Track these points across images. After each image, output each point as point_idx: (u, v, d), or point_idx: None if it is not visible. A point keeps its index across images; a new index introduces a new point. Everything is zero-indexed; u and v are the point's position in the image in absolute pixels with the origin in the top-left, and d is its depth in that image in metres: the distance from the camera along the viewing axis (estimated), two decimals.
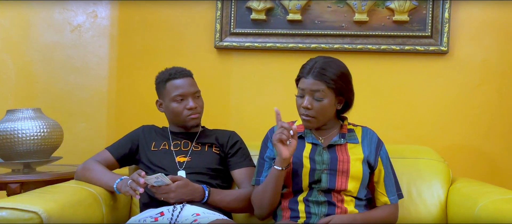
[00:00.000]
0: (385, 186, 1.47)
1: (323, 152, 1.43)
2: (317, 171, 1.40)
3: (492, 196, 1.42)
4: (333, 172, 1.41)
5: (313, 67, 1.39)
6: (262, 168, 1.51)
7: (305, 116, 1.41)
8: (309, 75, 1.39)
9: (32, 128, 1.82)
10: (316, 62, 1.41)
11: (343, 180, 1.40)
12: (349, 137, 1.47)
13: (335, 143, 1.44)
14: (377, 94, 2.12)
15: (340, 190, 1.41)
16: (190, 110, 1.61)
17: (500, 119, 2.06)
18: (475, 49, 2.08)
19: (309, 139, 1.47)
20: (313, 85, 1.38)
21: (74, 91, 2.25)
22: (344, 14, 2.10)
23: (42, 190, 1.42)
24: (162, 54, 2.19)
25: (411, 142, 2.06)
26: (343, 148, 1.44)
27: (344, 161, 1.41)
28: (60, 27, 2.26)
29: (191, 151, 1.63)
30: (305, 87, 1.40)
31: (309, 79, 1.39)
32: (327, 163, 1.41)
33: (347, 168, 1.40)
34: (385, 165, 1.49)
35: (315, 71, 1.38)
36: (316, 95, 1.38)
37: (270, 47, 2.13)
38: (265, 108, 2.15)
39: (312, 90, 1.38)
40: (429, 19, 2.06)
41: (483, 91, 2.07)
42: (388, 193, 1.47)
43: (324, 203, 1.41)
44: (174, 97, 1.60)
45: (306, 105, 1.39)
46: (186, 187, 1.43)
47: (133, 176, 1.39)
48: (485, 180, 1.98)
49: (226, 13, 2.14)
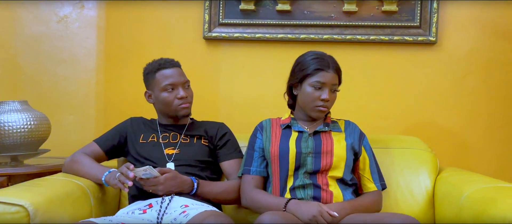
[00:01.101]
0: (371, 173, 1.52)
1: (309, 138, 1.50)
2: (303, 154, 1.47)
3: (477, 186, 1.44)
4: (317, 155, 1.47)
5: (330, 62, 1.49)
6: (252, 158, 1.55)
7: (323, 107, 1.49)
8: (330, 69, 1.48)
9: (19, 120, 1.80)
10: (329, 57, 1.51)
11: (327, 160, 1.46)
12: (332, 127, 1.55)
13: (320, 130, 1.52)
14: (366, 84, 2.12)
15: (325, 170, 1.46)
16: (181, 100, 1.60)
17: (485, 108, 2.09)
18: (462, 39, 2.09)
19: (295, 127, 1.54)
20: (333, 79, 1.48)
21: (62, 83, 2.22)
22: (334, 5, 2.10)
23: (29, 183, 1.41)
24: (150, 45, 2.18)
25: (400, 132, 2.08)
26: (327, 135, 1.52)
27: (327, 144, 1.49)
28: (46, 18, 2.22)
29: (180, 143, 1.63)
30: (326, 80, 1.47)
31: (330, 73, 1.47)
32: (311, 147, 1.48)
33: (331, 149, 1.47)
34: (369, 153, 1.55)
35: (334, 66, 1.49)
36: (334, 87, 1.49)
37: (259, 38, 2.12)
38: (254, 99, 2.15)
39: (333, 83, 1.48)
40: (417, 9, 2.07)
41: (470, 81, 2.09)
42: (374, 180, 1.52)
43: (310, 185, 1.45)
44: (164, 87, 1.59)
45: (327, 98, 1.47)
46: (174, 179, 1.43)
47: (121, 169, 1.39)
48: (471, 168, 2.01)
49: (214, 3, 2.12)
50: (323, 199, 1.43)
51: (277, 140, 1.52)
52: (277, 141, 1.52)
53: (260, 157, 1.55)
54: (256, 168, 1.53)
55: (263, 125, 1.59)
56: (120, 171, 1.39)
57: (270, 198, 1.46)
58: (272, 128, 1.56)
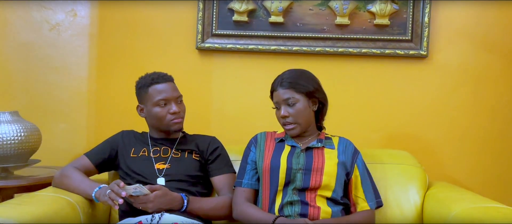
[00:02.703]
0: (365, 192, 1.52)
1: (300, 154, 1.52)
2: (293, 170, 1.48)
3: (465, 205, 1.45)
4: (307, 171, 1.48)
5: (281, 80, 1.53)
6: (244, 171, 1.57)
7: (286, 124, 1.52)
8: (278, 87, 1.52)
9: (9, 132, 1.79)
10: (283, 75, 1.55)
11: (317, 178, 1.47)
12: (326, 143, 1.56)
13: (312, 146, 1.54)
14: (357, 97, 2.14)
15: (315, 188, 1.47)
16: (174, 115, 1.60)
17: (475, 122, 2.11)
18: (453, 53, 2.11)
19: (288, 142, 1.57)
20: (284, 94, 1.51)
21: (53, 91, 2.21)
22: (326, 17, 2.11)
23: (17, 200, 1.40)
24: (143, 54, 2.17)
25: (390, 144, 2.09)
26: (319, 151, 1.53)
27: (319, 161, 1.50)
28: (38, 26, 2.21)
29: (171, 158, 1.63)
30: (278, 99, 1.53)
31: (279, 90, 1.52)
32: (302, 163, 1.49)
33: (322, 166, 1.48)
34: (362, 172, 1.55)
35: (283, 82, 1.52)
36: (289, 101, 1.50)
37: (252, 49, 2.13)
38: (247, 110, 2.15)
39: (284, 99, 1.51)
40: (409, 23, 2.08)
41: (460, 94, 2.11)
42: (367, 199, 1.52)
43: (297, 202, 1.46)
44: (157, 102, 1.59)
45: (283, 114, 1.51)
46: (164, 196, 1.43)
47: (111, 186, 1.39)
48: (460, 182, 2.03)
49: (208, 14, 2.12)
50: (310, 215, 1.44)
51: (269, 155, 1.54)
52: (269, 156, 1.54)
53: (252, 169, 1.57)
54: (248, 181, 1.55)
55: (257, 138, 1.61)
56: (110, 188, 1.39)
57: (259, 213, 1.48)
58: (266, 142, 1.58)
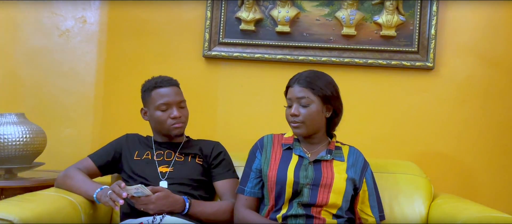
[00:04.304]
0: (371, 207, 1.49)
1: (309, 167, 1.45)
2: (300, 184, 1.42)
3: (471, 215, 1.42)
4: (315, 187, 1.42)
5: (299, 77, 1.47)
6: (248, 178, 1.53)
7: (293, 122, 1.46)
8: (295, 83, 1.46)
9: (15, 133, 1.80)
10: (302, 73, 1.49)
11: (324, 195, 1.42)
12: (335, 154, 1.49)
13: (321, 158, 1.47)
14: (363, 107, 2.13)
15: (321, 205, 1.42)
16: (174, 119, 1.60)
17: (483, 135, 2.08)
18: (459, 66, 2.10)
19: (296, 151, 1.50)
20: (299, 92, 1.44)
21: (60, 96, 2.23)
22: (333, 28, 2.12)
23: (19, 198, 1.40)
24: (150, 61, 2.19)
25: (395, 156, 2.07)
26: (328, 164, 1.46)
27: (328, 177, 1.43)
28: (48, 31, 2.24)
29: (174, 161, 1.62)
30: (291, 96, 1.46)
31: (295, 87, 1.45)
32: (310, 178, 1.43)
33: (331, 182, 1.42)
34: (370, 186, 1.50)
35: (301, 80, 1.46)
36: (303, 101, 1.44)
37: (259, 58, 2.14)
38: (252, 118, 2.15)
39: (298, 97, 1.44)
40: (416, 35, 2.09)
41: (467, 107, 2.10)
42: (373, 213, 1.49)
43: (303, 216, 1.42)
44: (158, 106, 1.60)
45: (293, 112, 1.45)
46: (166, 198, 1.42)
47: (113, 186, 1.38)
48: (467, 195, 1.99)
49: (215, 22, 2.15)
50: None
51: (276, 164, 1.48)
52: (276, 165, 1.47)
53: (256, 178, 1.52)
54: (251, 189, 1.51)
55: (264, 142, 1.54)
56: (111, 189, 1.38)
57: (261, 220, 1.45)
58: (273, 148, 1.52)
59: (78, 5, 2.23)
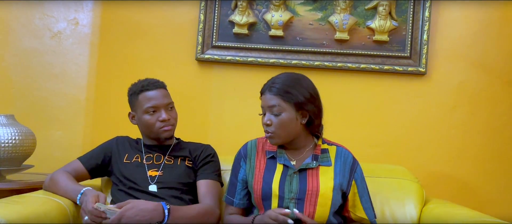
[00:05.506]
0: (364, 209, 1.45)
1: (293, 178, 1.40)
2: (285, 200, 1.39)
3: (462, 219, 1.43)
4: (301, 201, 1.38)
5: (271, 84, 1.40)
6: (235, 189, 1.51)
7: (266, 132, 1.41)
8: (266, 91, 1.39)
9: (3, 135, 1.78)
10: (275, 78, 1.41)
11: (311, 208, 1.38)
12: (322, 159, 1.44)
13: (306, 166, 1.41)
14: (355, 112, 2.13)
15: None
16: (163, 122, 1.58)
17: (473, 141, 2.09)
18: (452, 72, 2.11)
19: (280, 160, 1.44)
20: (270, 101, 1.38)
21: (51, 98, 2.21)
22: (326, 32, 2.12)
23: (7, 200, 1.38)
24: (143, 64, 2.18)
25: (387, 161, 2.07)
26: (314, 173, 1.41)
27: (313, 190, 1.39)
28: (40, 33, 2.23)
29: (164, 164, 1.61)
30: (263, 104, 1.41)
31: (266, 95, 1.39)
32: (295, 192, 1.39)
33: (317, 192, 1.38)
34: (360, 187, 1.46)
35: (272, 87, 1.38)
36: (274, 110, 1.37)
37: (252, 62, 2.14)
38: (244, 122, 2.14)
39: (270, 106, 1.38)
40: (408, 40, 2.10)
41: (458, 113, 2.10)
42: (368, 215, 1.45)
43: None
44: (146, 109, 1.58)
45: (265, 122, 1.40)
46: (133, 208, 1.33)
47: (92, 211, 1.34)
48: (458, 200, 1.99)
49: (208, 25, 2.14)
50: None
51: (260, 175, 1.44)
52: (260, 176, 1.43)
53: (243, 189, 1.49)
54: (239, 200, 1.50)
55: (247, 150, 1.50)
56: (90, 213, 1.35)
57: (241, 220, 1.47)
58: (257, 156, 1.48)
59: (71, 6, 2.22)
